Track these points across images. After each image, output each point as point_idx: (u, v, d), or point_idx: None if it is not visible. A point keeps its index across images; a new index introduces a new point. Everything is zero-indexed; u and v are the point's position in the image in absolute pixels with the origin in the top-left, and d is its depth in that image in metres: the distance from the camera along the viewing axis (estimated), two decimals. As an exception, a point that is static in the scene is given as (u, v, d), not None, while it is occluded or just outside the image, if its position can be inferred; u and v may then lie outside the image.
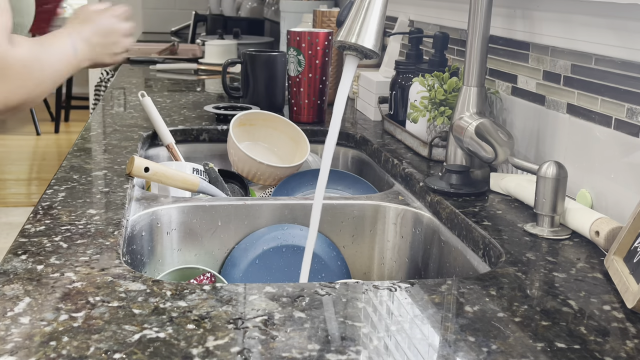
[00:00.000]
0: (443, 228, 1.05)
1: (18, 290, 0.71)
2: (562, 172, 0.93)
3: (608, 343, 0.65)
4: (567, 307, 0.72)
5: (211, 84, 2.22)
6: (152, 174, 1.09)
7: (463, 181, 1.10)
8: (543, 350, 0.63)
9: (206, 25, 3.82)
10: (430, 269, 1.09)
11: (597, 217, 0.90)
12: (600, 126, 1.00)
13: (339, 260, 1.14)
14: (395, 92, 1.51)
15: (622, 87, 0.96)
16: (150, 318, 0.66)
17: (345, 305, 0.71)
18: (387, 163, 1.33)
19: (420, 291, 0.75)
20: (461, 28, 1.45)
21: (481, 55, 1.11)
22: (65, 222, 0.92)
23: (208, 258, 1.12)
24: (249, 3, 3.61)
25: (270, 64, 1.70)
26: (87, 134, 1.43)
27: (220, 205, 1.12)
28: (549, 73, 1.13)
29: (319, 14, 1.97)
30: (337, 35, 0.96)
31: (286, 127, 1.42)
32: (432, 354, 0.63)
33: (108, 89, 2.03)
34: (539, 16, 1.14)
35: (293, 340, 0.63)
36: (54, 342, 0.61)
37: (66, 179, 1.11)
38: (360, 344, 0.63)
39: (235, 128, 1.36)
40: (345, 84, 0.97)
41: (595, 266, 0.84)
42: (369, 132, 1.53)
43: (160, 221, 1.08)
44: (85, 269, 0.77)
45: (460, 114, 1.12)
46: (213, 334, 0.63)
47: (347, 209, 1.16)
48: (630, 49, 0.93)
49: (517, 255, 0.86)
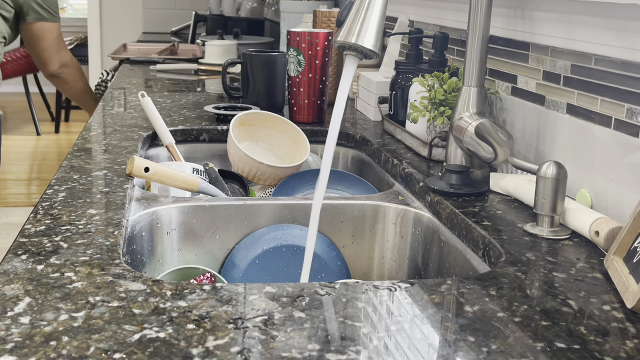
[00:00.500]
0: (443, 228, 1.05)
1: (18, 290, 0.71)
2: (562, 172, 0.93)
3: (608, 343, 0.65)
4: (566, 307, 0.73)
5: (211, 84, 2.22)
6: (152, 174, 1.09)
7: (463, 181, 1.10)
8: (543, 350, 0.63)
9: (206, 26, 3.82)
10: (430, 269, 1.09)
11: (597, 217, 0.90)
12: (600, 126, 1.00)
13: (338, 260, 1.15)
14: (395, 92, 1.51)
15: (622, 87, 0.96)
16: (150, 318, 0.66)
17: (345, 305, 0.71)
18: (387, 163, 1.33)
19: (420, 291, 0.75)
20: (461, 28, 1.45)
21: (481, 56, 1.11)
22: (65, 222, 0.92)
23: (208, 258, 1.12)
24: (249, 3, 3.61)
25: (270, 64, 1.70)
26: (87, 134, 1.43)
27: (220, 205, 1.12)
28: (548, 73, 1.13)
29: (319, 14, 1.97)
30: (337, 36, 0.96)
31: (286, 127, 1.42)
32: (432, 354, 0.63)
33: (108, 89, 2.03)
34: (539, 16, 1.14)
35: (293, 340, 0.63)
36: (54, 342, 0.61)
37: (66, 179, 1.11)
38: (360, 344, 0.63)
39: (235, 128, 1.36)
40: (345, 84, 0.97)
41: (595, 266, 0.84)
42: (369, 132, 1.53)
43: (160, 221, 1.08)
44: (85, 269, 0.77)
45: (460, 114, 1.12)
46: (213, 334, 0.64)
47: (347, 209, 1.16)
48: (630, 49, 0.93)
49: (517, 255, 0.86)
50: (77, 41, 6.28)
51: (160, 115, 1.43)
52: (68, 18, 7.65)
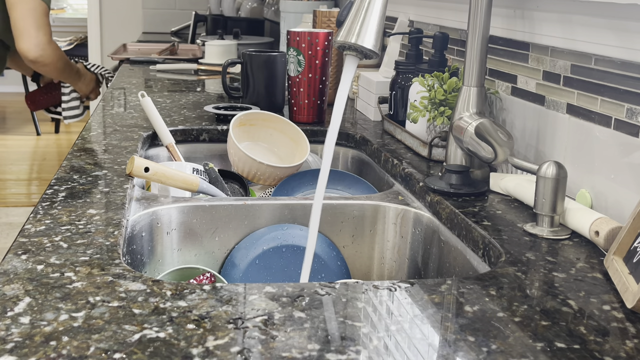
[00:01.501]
0: (443, 228, 1.05)
1: (18, 290, 0.71)
2: (561, 172, 0.93)
3: (608, 343, 0.65)
4: (566, 307, 0.73)
5: (211, 84, 2.22)
6: (152, 174, 1.09)
7: (463, 181, 1.10)
8: (543, 350, 0.63)
9: (206, 26, 3.82)
10: (430, 268, 1.09)
11: (597, 217, 0.90)
12: (600, 126, 1.00)
13: (338, 260, 1.15)
14: (395, 92, 1.51)
15: (622, 87, 0.96)
16: (150, 318, 0.66)
17: (345, 305, 0.71)
18: (387, 163, 1.33)
19: (420, 291, 0.75)
20: (461, 28, 1.45)
21: (481, 55, 1.11)
22: (65, 222, 0.92)
23: (208, 258, 1.12)
24: (249, 3, 3.61)
25: (270, 64, 1.70)
26: (87, 134, 1.43)
27: (220, 205, 1.12)
28: (548, 73, 1.13)
29: (319, 14, 1.97)
30: (337, 36, 0.96)
31: (286, 127, 1.42)
32: (432, 353, 0.63)
33: (108, 89, 2.03)
34: (539, 16, 1.14)
35: (293, 340, 0.63)
36: (54, 342, 0.61)
37: (66, 179, 1.11)
38: (360, 344, 0.63)
39: (235, 128, 1.36)
40: (345, 84, 0.97)
41: (595, 266, 0.84)
42: (369, 132, 1.53)
43: (160, 221, 1.08)
44: (85, 269, 0.77)
45: (460, 114, 1.12)
46: (213, 334, 0.64)
47: (347, 209, 1.16)
48: (630, 49, 0.93)
49: (517, 255, 0.86)
50: (77, 41, 6.29)
51: (160, 115, 1.43)
52: (68, 18, 7.65)
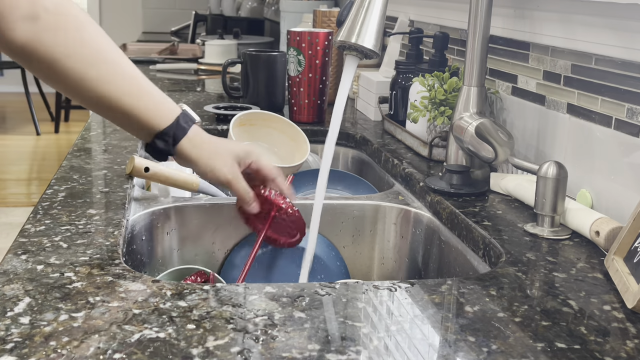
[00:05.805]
0: (443, 228, 1.05)
1: (18, 290, 0.71)
2: (562, 172, 0.93)
3: (608, 343, 0.65)
4: (567, 307, 0.72)
5: (211, 84, 2.22)
6: (152, 174, 1.09)
7: (463, 181, 1.10)
8: (543, 350, 0.63)
9: (206, 25, 3.82)
10: (430, 269, 1.09)
11: (597, 217, 0.90)
12: (600, 126, 1.00)
13: (338, 261, 1.14)
14: (395, 92, 1.51)
15: (622, 87, 0.96)
16: (150, 318, 0.66)
17: (345, 305, 0.71)
18: (387, 163, 1.33)
19: (420, 291, 0.75)
20: (461, 28, 1.45)
21: (481, 55, 1.11)
22: (65, 222, 0.92)
23: (208, 258, 1.12)
24: (249, 3, 3.61)
25: (270, 64, 1.70)
26: (87, 134, 1.43)
27: (220, 205, 1.12)
28: (549, 73, 1.13)
29: (319, 14, 1.97)
30: (337, 35, 0.96)
31: (286, 127, 1.42)
32: (432, 354, 0.63)
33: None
34: (539, 16, 1.14)
35: (293, 340, 0.63)
36: (54, 342, 0.61)
37: (66, 179, 1.11)
38: (360, 344, 0.63)
39: (235, 128, 1.36)
40: (345, 84, 0.97)
41: (595, 266, 0.84)
42: (369, 132, 1.53)
43: (160, 221, 1.08)
44: (85, 269, 0.77)
45: (460, 114, 1.12)
46: (213, 334, 0.63)
47: (347, 209, 1.16)
48: (630, 49, 0.93)
49: (517, 255, 0.86)
50: (77, 41, 6.26)
51: (160, 115, 1.43)
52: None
